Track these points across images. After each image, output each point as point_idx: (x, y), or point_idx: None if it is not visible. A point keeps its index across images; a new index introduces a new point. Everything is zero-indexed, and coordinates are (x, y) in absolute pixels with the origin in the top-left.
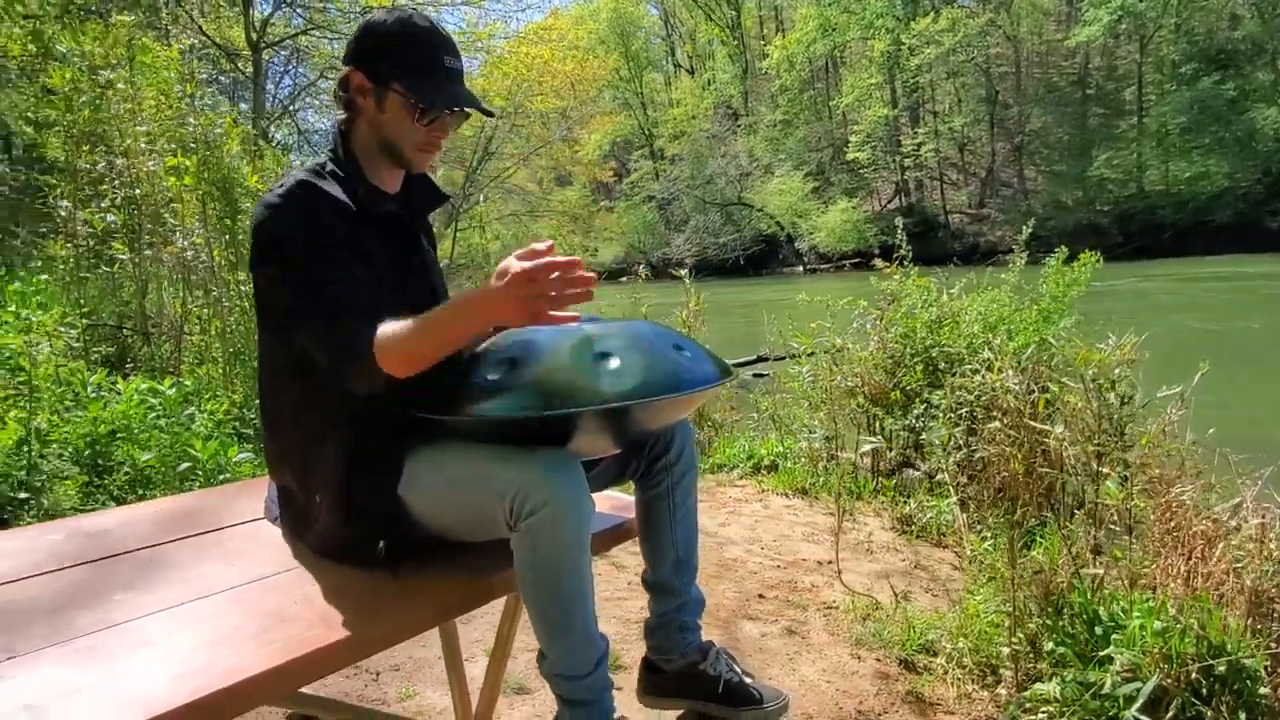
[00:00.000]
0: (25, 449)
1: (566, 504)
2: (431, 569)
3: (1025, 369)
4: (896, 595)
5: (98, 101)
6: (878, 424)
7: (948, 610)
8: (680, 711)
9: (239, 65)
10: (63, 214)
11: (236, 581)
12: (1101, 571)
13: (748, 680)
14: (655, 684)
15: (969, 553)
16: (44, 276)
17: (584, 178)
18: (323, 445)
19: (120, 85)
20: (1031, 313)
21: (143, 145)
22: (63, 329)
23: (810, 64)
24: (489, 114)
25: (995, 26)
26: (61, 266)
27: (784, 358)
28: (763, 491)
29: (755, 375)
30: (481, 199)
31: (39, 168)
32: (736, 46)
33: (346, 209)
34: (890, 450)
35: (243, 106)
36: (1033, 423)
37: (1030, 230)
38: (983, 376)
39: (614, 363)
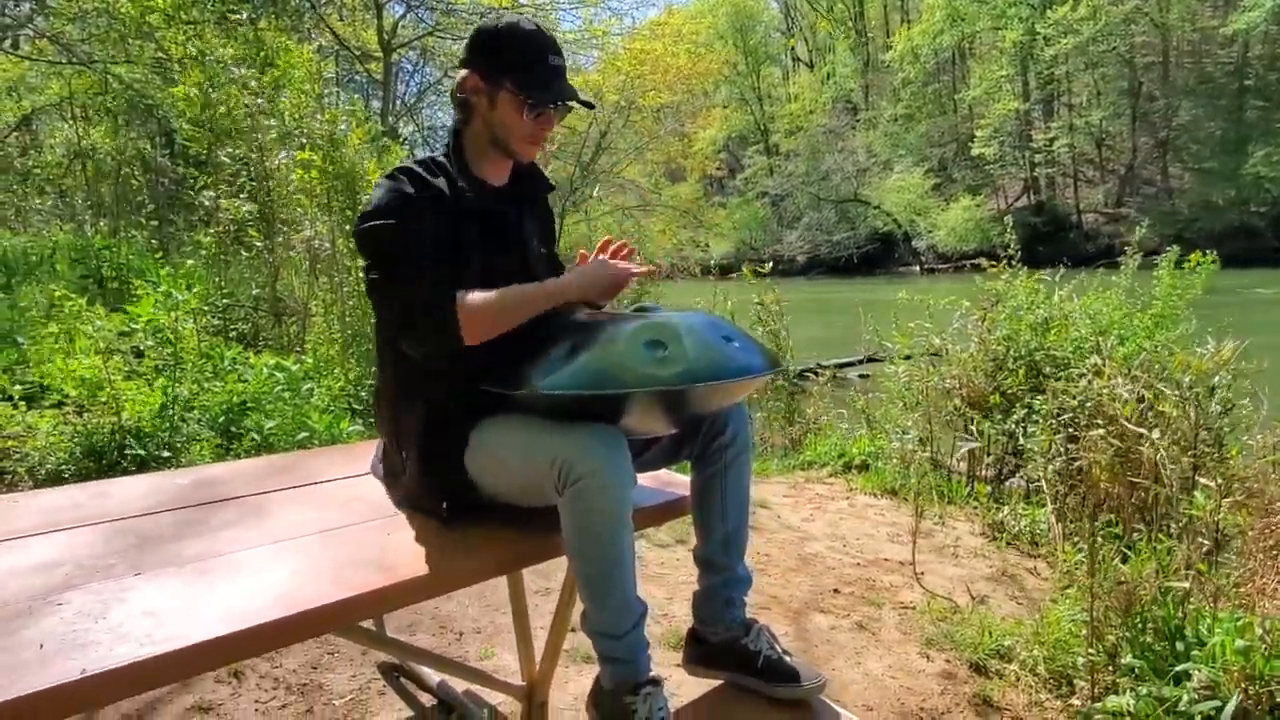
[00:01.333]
0: (168, 413)
1: (608, 475)
2: (491, 529)
3: (1136, 377)
4: (974, 598)
5: (230, 98)
6: (975, 428)
7: (1029, 619)
8: (720, 681)
9: (369, 68)
10: (206, 204)
11: (324, 527)
12: (1188, 585)
13: (787, 658)
14: (698, 654)
15: (1061, 563)
16: (190, 261)
17: (697, 173)
18: (411, 406)
19: (252, 83)
20: (1145, 318)
21: (267, 139)
22: (206, 308)
23: (936, 56)
24: (590, 106)
25: (1141, 14)
26: (204, 252)
27: (883, 359)
28: (851, 490)
29: (860, 376)
30: (594, 193)
31: (192, 161)
32: (858, 39)
33: (443, 196)
34: (988, 455)
35: (375, 105)
36: (1128, 423)
37: (1144, 230)
38: (1088, 382)
39: (663, 350)
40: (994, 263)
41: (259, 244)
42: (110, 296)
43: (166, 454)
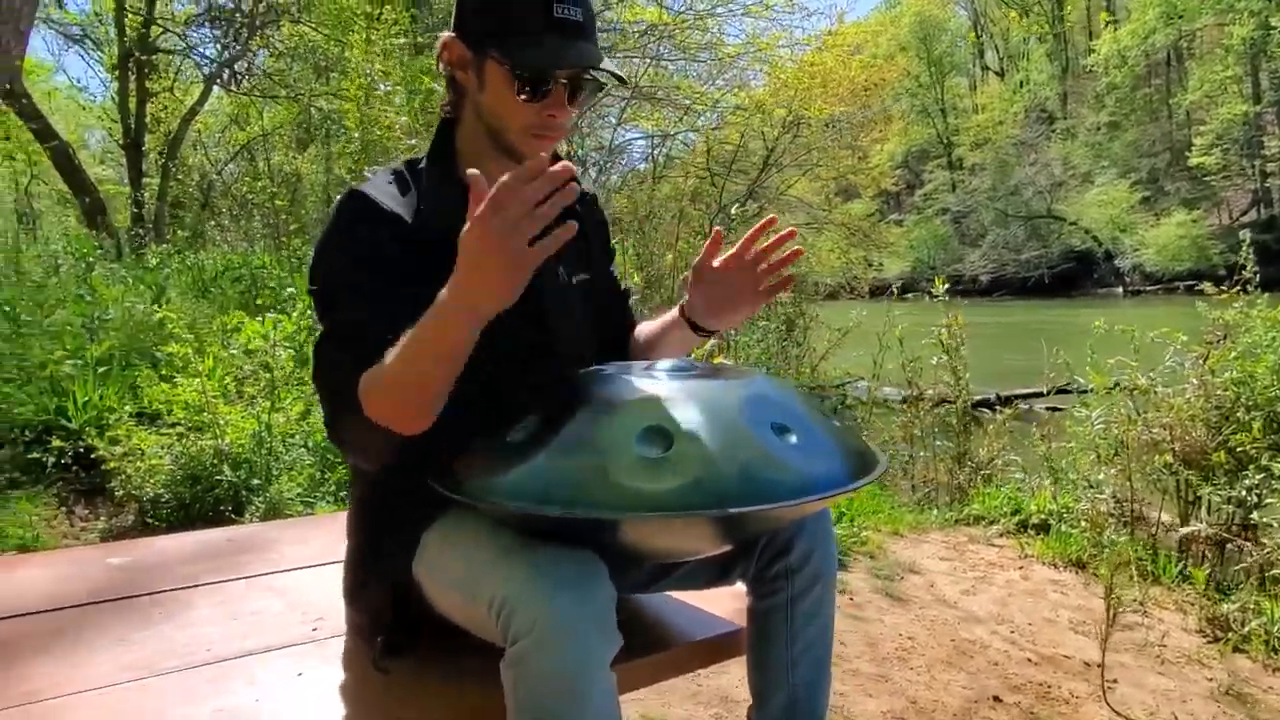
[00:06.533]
0: (264, 441)
1: (558, 634)
2: (453, 669)
3: None
4: None
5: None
6: (1190, 491)
7: None
8: None
9: None
10: None
11: (168, 664)
12: None
13: None
14: None
15: None
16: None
17: (871, 189)
18: (354, 500)
19: (397, 100)
20: None
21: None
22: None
23: (1147, 58)
24: (620, 81)
25: None
26: None
27: (1081, 390)
28: (1025, 557)
29: (1049, 409)
30: (733, 210)
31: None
32: (1056, 43)
33: (400, 224)
34: (1207, 526)
35: None
36: None
37: None
38: None
39: (664, 447)
40: (1220, 287)
41: None
42: (263, 314)
43: (256, 482)
